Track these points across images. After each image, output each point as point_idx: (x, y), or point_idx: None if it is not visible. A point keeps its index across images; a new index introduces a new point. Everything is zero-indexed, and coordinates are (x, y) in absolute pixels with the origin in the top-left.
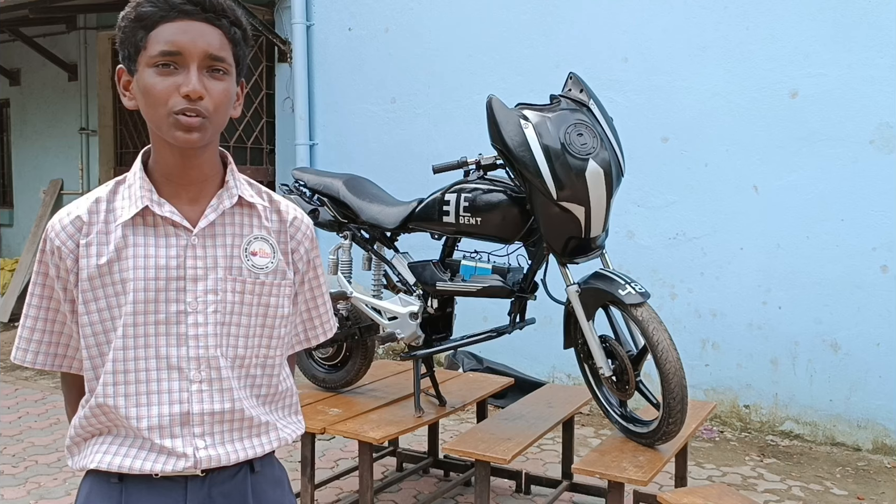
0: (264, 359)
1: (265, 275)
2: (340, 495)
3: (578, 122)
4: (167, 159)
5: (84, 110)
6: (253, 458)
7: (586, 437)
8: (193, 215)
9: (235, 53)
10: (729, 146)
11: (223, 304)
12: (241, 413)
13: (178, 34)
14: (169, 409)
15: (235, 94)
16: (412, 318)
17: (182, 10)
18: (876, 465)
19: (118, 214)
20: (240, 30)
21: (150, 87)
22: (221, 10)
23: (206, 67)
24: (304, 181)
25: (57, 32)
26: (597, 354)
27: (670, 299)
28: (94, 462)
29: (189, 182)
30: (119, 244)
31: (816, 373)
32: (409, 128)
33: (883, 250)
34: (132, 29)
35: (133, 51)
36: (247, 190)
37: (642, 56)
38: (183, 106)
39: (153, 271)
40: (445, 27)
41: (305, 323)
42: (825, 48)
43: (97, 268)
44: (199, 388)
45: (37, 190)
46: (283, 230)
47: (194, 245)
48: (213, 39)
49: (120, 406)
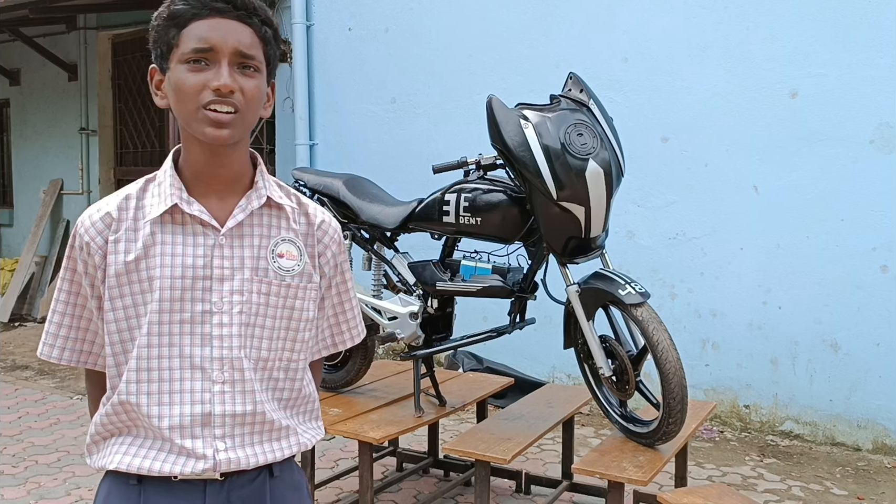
0: (287, 362)
1: (291, 277)
2: (340, 495)
3: (578, 122)
4: (197, 158)
5: (84, 110)
6: (272, 463)
7: (586, 437)
8: (222, 215)
9: (266, 52)
10: (729, 146)
11: (248, 304)
12: (263, 416)
13: (210, 31)
14: (191, 408)
15: (266, 94)
16: (412, 318)
17: (214, 8)
18: (876, 465)
19: (147, 212)
20: (270, 29)
21: (181, 83)
22: (253, 9)
23: (236, 64)
24: (304, 181)
25: (57, 32)
26: (597, 354)
27: (670, 299)
28: (114, 463)
29: (218, 181)
30: (147, 241)
31: (816, 373)
32: (409, 128)
33: (883, 250)
34: (165, 27)
35: (165, 49)
36: (276, 191)
37: (642, 56)
38: (213, 98)
39: (180, 269)
40: (445, 27)
41: (332, 328)
42: (825, 48)
43: (125, 264)
44: (221, 389)
45: (37, 190)
46: (311, 233)
47: (222, 245)
48: (245, 37)
49: (142, 404)
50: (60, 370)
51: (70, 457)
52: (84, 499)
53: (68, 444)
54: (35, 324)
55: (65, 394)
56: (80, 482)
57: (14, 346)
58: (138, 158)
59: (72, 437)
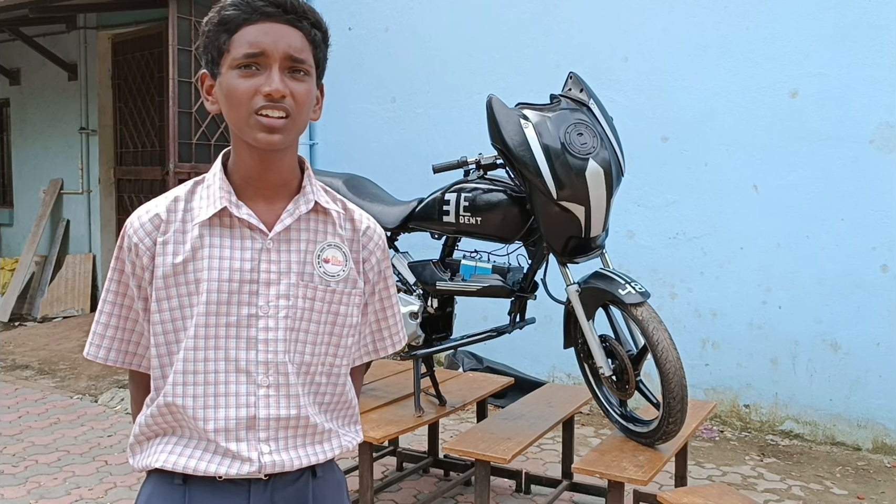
0: (330, 367)
1: (336, 283)
2: None
3: (578, 121)
4: (247, 162)
5: (84, 110)
6: (315, 464)
7: (586, 436)
8: (269, 219)
9: (315, 55)
10: (729, 146)
11: (294, 309)
12: (307, 420)
13: (261, 36)
14: (236, 412)
15: (316, 97)
16: (412, 317)
17: (264, 13)
18: (876, 465)
19: (196, 214)
20: (320, 31)
21: (232, 89)
22: (302, 13)
23: (287, 68)
24: None
25: (57, 32)
26: (597, 354)
27: (670, 299)
28: (160, 462)
29: (267, 185)
30: (195, 244)
31: (816, 372)
32: (409, 127)
33: (883, 250)
34: (216, 33)
35: (216, 54)
36: (322, 196)
37: (642, 56)
38: (264, 104)
39: (227, 273)
40: (445, 27)
41: (374, 334)
42: (825, 48)
43: (172, 266)
44: (266, 393)
45: (37, 189)
46: (356, 239)
47: (269, 249)
48: (295, 41)
49: (188, 406)
50: (60, 370)
51: (70, 456)
52: (84, 498)
53: (68, 443)
54: (35, 323)
55: (65, 393)
56: (80, 482)
57: (14, 346)
58: (138, 158)
59: (72, 436)
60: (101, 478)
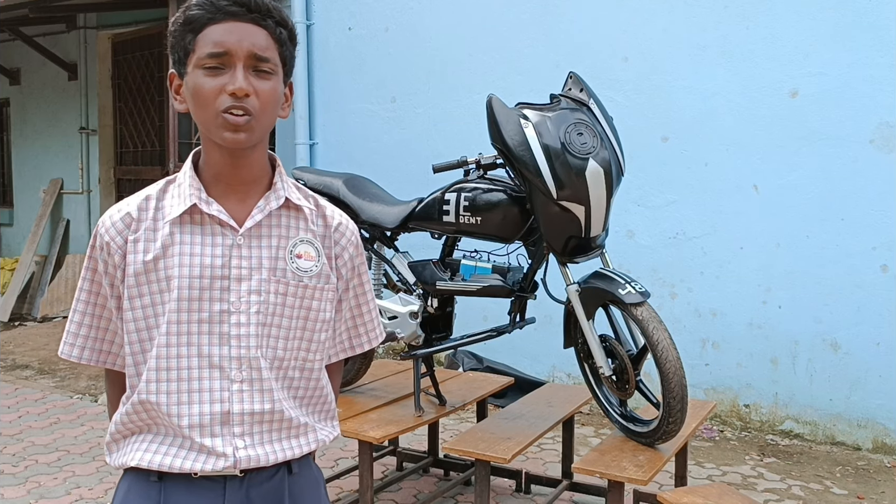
0: (303, 362)
1: (309, 278)
2: (340, 494)
3: (578, 121)
4: (216, 160)
5: (84, 110)
6: (291, 460)
7: (586, 436)
8: (240, 215)
9: (282, 53)
10: (729, 146)
11: (265, 304)
12: (281, 414)
13: (225, 35)
14: (210, 407)
15: (284, 95)
16: (412, 317)
17: (228, 12)
18: (876, 465)
19: (167, 212)
20: (285, 30)
21: (198, 88)
22: (267, 11)
23: (252, 67)
24: (305, 181)
25: (57, 32)
26: (597, 354)
27: (670, 299)
28: (135, 460)
29: (238, 182)
30: (166, 241)
31: (816, 372)
32: (409, 127)
33: (883, 250)
34: (181, 33)
35: (182, 54)
36: (294, 193)
37: (642, 55)
38: (230, 103)
39: (198, 269)
40: (445, 27)
41: (350, 331)
42: (825, 48)
43: (143, 264)
44: (239, 388)
45: (37, 189)
46: (329, 235)
47: (240, 245)
48: (259, 39)
49: (162, 403)
50: (61, 369)
51: (70, 456)
52: (84, 498)
53: (68, 443)
54: (35, 323)
55: (65, 393)
56: (80, 481)
57: (14, 346)
58: (138, 158)
59: (72, 436)
60: (101, 478)
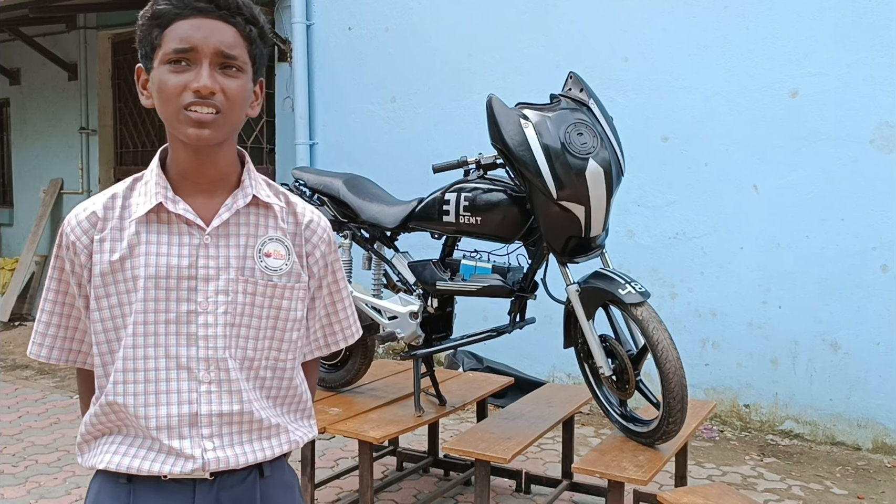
0: (275, 361)
1: (278, 277)
2: (340, 494)
3: (578, 121)
4: (182, 157)
5: (84, 110)
6: (262, 462)
7: (586, 436)
8: (208, 214)
9: (251, 51)
10: (729, 146)
11: (233, 304)
12: (251, 415)
13: (192, 31)
14: (178, 409)
15: (253, 93)
16: (412, 317)
17: (196, 8)
18: (876, 465)
19: (133, 211)
20: (256, 27)
21: (163, 84)
22: (236, 8)
23: (218, 65)
24: (305, 181)
25: (57, 32)
26: (597, 354)
27: (670, 299)
28: (104, 462)
29: (205, 180)
30: (132, 241)
31: (816, 372)
32: (409, 127)
33: (883, 250)
34: (148, 27)
35: (149, 49)
36: (263, 190)
37: (642, 55)
38: (193, 100)
39: (164, 269)
40: (445, 27)
41: (325, 328)
42: (825, 48)
43: (109, 264)
44: (207, 389)
45: (37, 189)
46: (299, 232)
47: (207, 244)
48: (227, 37)
49: (129, 405)
50: (60, 370)
51: (70, 456)
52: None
53: (68, 443)
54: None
55: (65, 393)
56: (80, 481)
57: (14, 346)
58: (138, 158)
59: (72, 436)
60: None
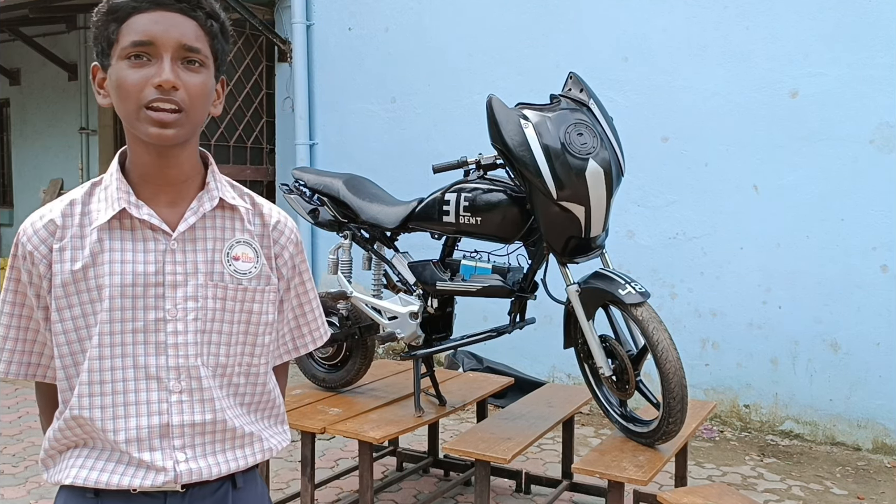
0: (248, 367)
1: (248, 280)
2: (340, 495)
3: (578, 121)
4: (143, 159)
5: (84, 110)
6: (235, 473)
7: (586, 436)
8: (173, 218)
9: (213, 46)
10: (729, 146)
11: (203, 311)
12: (224, 424)
13: (151, 24)
14: (147, 420)
15: (215, 91)
16: (412, 317)
17: (155, 1)
18: (876, 465)
19: (94, 217)
20: (217, 22)
21: (121, 80)
22: (196, 1)
23: (180, 59)
24: (304, 181)
25: (57, 32)
26: (597, 354)
27: (670, 299)
28: (70, 477)
29: (168, 183)
30: (94, 249)
31: (816, 372)
32: (410, 127)
33: (883, 250)
34: (104, 22)
35: (106, 45)
36: (228, 192)
37: (642, 56)
38: (155, 96)
39: (130, 277)
40: (445, 27)
41: (293, 332)
42: (825, 48)
43: (71, 273)
44: (178, 399)
45: (37, 190)
46: (266, 234)
47: (174, 250)
48: (188, 30)
49: (96, 418)
50: None
51: None
52: None
53: None
54: None
55: None
56: None
57: None
58: None
59: None
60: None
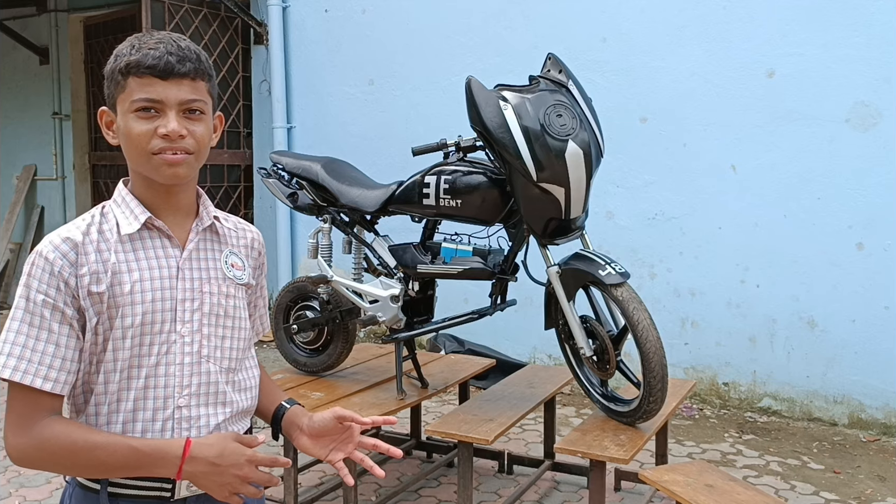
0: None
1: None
2: (323, 478)
3: (557, 102)
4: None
5: (57, 94)
6: None
7: (568, 416)
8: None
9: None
10: (707, 126)
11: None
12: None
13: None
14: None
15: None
16: (393, 301)
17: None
18: (852, 440)
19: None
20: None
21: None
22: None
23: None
24: (283, 164)
25: (27, 15)
26: (577, 335)
27: (650, 279)
28: None
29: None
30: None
31: (794, 350)
32: (388, 110)
33: (858, 228)
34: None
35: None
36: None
37: (621, 36)
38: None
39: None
40: (423, 8)
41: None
42: (802, 27)
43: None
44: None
45: (10, 176)
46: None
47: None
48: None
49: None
50: None
51: None
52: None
53: None
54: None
55: None
56: None
57: None
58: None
59: None
60: None
